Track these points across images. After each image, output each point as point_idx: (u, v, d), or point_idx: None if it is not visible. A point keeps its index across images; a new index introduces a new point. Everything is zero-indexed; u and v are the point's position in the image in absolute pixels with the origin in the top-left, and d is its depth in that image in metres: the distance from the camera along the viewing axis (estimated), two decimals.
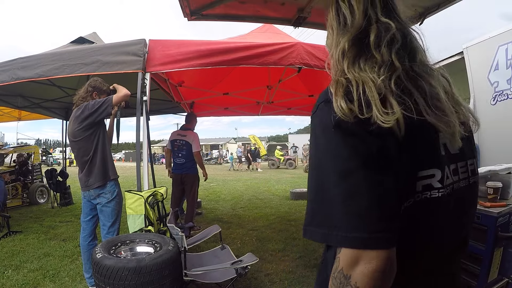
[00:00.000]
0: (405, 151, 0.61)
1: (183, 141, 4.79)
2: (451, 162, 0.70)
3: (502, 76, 3.53)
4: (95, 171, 2.56)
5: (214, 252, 2.85)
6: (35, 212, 6.23)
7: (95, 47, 3.15)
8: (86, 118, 2.51)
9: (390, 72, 0.64)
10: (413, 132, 0.61)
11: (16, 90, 5.43)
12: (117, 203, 2.63)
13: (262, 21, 3.20)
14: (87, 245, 2.69)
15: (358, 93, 0.62)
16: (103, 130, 2.66)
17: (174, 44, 3.05)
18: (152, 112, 5.53)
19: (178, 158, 4.80)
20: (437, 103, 0.65)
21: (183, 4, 2.35)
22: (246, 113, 7.31)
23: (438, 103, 0.66)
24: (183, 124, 5.21)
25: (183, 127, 5.10)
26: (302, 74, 4.40)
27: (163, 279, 1.95)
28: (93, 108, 2.50)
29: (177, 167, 4.80)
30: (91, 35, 4.20)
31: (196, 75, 4.88)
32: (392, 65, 0.65)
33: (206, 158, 33.35)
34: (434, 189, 0.65)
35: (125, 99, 2.61)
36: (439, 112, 0.65)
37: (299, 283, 2.90)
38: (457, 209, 0.71)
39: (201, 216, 5.94)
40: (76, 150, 2.63)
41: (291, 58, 3.12)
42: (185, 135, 4.83)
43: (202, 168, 5.02)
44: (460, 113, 0.72)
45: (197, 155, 4.82)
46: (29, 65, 3.07)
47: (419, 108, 0.62)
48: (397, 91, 0.62)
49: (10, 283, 2.91)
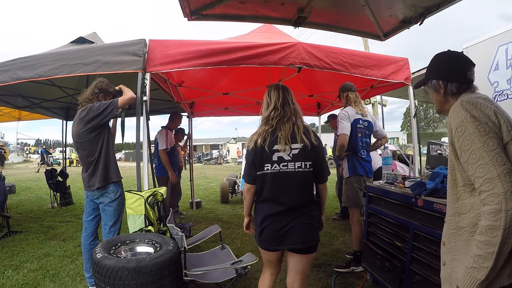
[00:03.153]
0: (256, 157, 1.81)
1: (155, 139, 4.71)
2: (280, 162, 1.80)
3: (502, 76, 3.53)
4: (99, 172, 2.56)
5: (214, 252, 2.85)
6: (35, 212, 6.24)
7: (95, 47, 3.15)
8: (91, 120, 2.50)
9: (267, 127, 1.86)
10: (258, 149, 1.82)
11: (16, 90, 5.43)
12: (119, 203, 2.63)
13: (262, 21, 3.20)
14: (88, 244, 2.69)
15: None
16: (108, 132, 2.66)
17: (174, 44, 3.05)
18: (152, 112, 5.55)
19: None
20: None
21: (183, 4, 2.35)
22: (246, 113, 7.31)
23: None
24: None
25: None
26: (302, 74, 4.40)
27: (163, 279, 1.95)
28: (98, 110, 2.49)
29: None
30: (91, 35, 4.20)
31: (196, 75, 4.88)
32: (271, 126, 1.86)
33: (206, 158, 33.34)
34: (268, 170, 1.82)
35: (131, 102, 2.60)
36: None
37: None
38: (284, 182, 1.81)
39: (184, 217, 5.76)
40: (81, 151, 2.63)
41: (291, 58, 3.12)
42: (157, 134, 4.77)
43: (167, 169, 4.67)
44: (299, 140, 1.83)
45: (160, 153, 4.62)
46: (29, 65, 3.07)
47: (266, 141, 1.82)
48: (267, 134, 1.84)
49: (10, 283, 2.91)
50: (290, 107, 1.86)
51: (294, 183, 1.80)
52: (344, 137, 3.14)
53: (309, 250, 1.86)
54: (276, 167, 1.79)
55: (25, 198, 8.30)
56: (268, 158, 1.79)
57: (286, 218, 1.79)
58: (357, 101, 3.38)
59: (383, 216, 2.67)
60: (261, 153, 1.79)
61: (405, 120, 61.57)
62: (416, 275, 2.17)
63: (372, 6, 2.48)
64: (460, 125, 1.13)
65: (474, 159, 1.07)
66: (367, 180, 3.26)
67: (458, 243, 1.18)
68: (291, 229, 1.78)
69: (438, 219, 1.99)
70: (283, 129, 1.80)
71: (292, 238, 1.79)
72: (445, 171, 2.09)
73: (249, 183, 1.87)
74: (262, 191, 1.84)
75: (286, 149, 1.77)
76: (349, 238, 4.26)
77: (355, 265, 3.11)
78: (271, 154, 1.78)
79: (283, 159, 1.78)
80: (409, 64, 3.83)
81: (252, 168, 1.83)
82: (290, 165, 1.78)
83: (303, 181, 1.82)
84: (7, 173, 14.42)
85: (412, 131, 3.98)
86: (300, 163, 1.79)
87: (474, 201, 1.12)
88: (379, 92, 5.25)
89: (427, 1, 2.34)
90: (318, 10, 2.51)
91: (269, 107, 1.87)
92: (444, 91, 1.30)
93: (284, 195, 1.80)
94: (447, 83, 1.29)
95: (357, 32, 2.96)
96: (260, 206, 1.88)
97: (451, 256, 1.21)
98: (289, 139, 1.78)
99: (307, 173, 1.81)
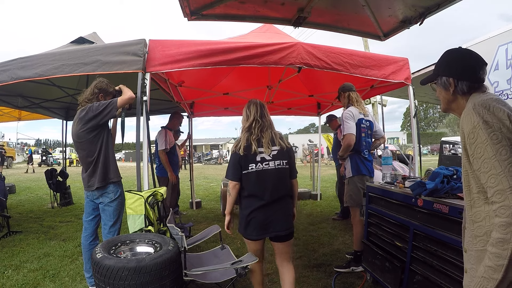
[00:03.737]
0: (242, 159, 2.13)
1: (155, 140, 4.74)
2: (263, 161, 2.14)
3: (502, 76, 3.53)
4: (98, 172, 2.56)
5: (214, 252, 2.84)
6: (35, 212, 6.24)
7: (95, 47, 3.15)
8: (90, 120, 2.50)
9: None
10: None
11: (16, 90, 5.43)
12: (119, 203, 2.63)
13: (262, 21, 3.20)
14: (88, 244, 2.69)
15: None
16: (107, 132, 2.65)
17: (174, 44, 3.05)
18: (152, 112, 5.55)
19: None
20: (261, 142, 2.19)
21: (183, 4, 2.35)
22: None
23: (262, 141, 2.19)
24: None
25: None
26: (302, 74, 4.40)
27: (163, 279, 1.95)
28: (97, 110, 2.49)
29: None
30: (91, 35, 4.20)
31: (196, 75, 4.88)
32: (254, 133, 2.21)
33: (206, 158, 33.33)
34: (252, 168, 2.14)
35: (130, 102, 2.59)
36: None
37: (299, 283, 2.90)
38: (266, 178, 2.13)
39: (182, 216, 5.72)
40: (81, 151, 2.62)
41: (291, 58, 3.12)
42: (157, 135, 4.79)
43: (167, 169, 4.68)
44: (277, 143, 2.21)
45: (160, 154, 4.64)
46: (29, 65, 3.07)
47: (252, 146, 2.15)
48: (252, 140, 2.17)
49: (10, 283, 2.91)
50: (267, 119, 2.26)
51: (274, 179, 2.15)
52: (351, 136, 3.12)
53: (290, 236, 2.25)
54: (260, 166, 2.14)
55: (25, 198, 8.30)
56: (253, 159, 2.13)
57: (269, 210, 2.14)
58: (359, 101, 3.38)
59: (383, 216, 2.67)
60: (247, 155, 2.13)
61: (405, 120, 61.63)
62: (416, 275, 2.17)
63: (372, 6, 2.48)
64: (472, 131, 1.09)
65: (486, 168, 1.04)
66: (369, 179, 3.26)
67: (473, 253, 1.14)
68: (274, 219, 2.14)
69: (438, 219, 1.99)
70: (265, 136, 2.19)
71: (276, 226, 2.14)
72: (445, 171, 2.09)
73: (235, 181, 2.16)
74: (247, 187, 2.16)
75: (267, 151, 2.15)
76: (349, 238, 4.26)
77: (355, 265, 3.11)
78: (255, 155, 2.14)
79: (265, 159, 2.15)
80: (409, 64, 3.83)
81: (238, 168, 2.15)
82: (271, 163, 2.16)
83: (281, 177, 2.18)
84: (7, 173, 14.43)
85: (412, 131, 3.98)
86: (279, 161, 2.18)
87: (490, 209, 1.07)
88: (379, 92, 5.25)
89: (427, 1, 2.34)
90: (318, 10, 2.51)
91: (249, 119, 2.23)
92: (454, 89, 1.25)
93: (266, 190, 2.13)
94: (458, 81, 1.23)
95: (357, 32, 2.96)
96: (246, 201, 2.19)
97: (470, 265, 1.17)
98: (269, 143, 2.17)
99: (284, 169, 2.20)
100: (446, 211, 1.89)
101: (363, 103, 3.47)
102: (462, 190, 2.00)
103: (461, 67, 1.25)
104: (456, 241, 1.82)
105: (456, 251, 1.84)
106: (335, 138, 5.66)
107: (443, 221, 1.94)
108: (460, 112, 1.25)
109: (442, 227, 1.95)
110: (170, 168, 4.68)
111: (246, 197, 2.18)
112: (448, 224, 1.90)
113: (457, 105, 1.27)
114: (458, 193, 2.00)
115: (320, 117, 7.13)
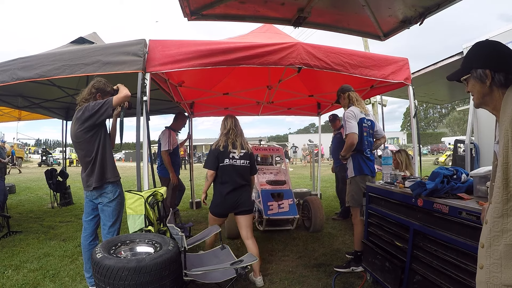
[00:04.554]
0: (220, 154, 2.99)
1: (158, 140, 4.76)
2: (234, 158, 3.00)
3: None
4: (95, 172, 2.55)
5: (214, 252, 2.84)
6: (35, 212, 6.24)
7: (95, 47, 3.15)
8: (86, 119, 2.49)
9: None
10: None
11: (16, 90, 5.42)
12: (118, 203, 2.63)
13: (262, 21, 3.20)
14: (88, 244, 2.69)
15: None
16: (105, 132, 2.65)
17: (174, 44, 3.05)
18: (152, 112, 5.54)
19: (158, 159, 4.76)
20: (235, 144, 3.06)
21: (183, 4, 2.35)
22: (246, 113, 7.30)
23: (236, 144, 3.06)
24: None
25: None
26: (302, 74, 4.40)
27: (163, 279, 1.95)
28: (93, 110, 2.48)
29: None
30: (91, 35, 4.20)
31: (196, 75, 4.88)
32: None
33: None
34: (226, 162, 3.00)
35: (125, 100, 2.58)
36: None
37: (299, 283, 2.90)
38: (235, 171, 2.99)
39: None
40: (79, 151, 2.63)
41: (291, 58, 3.12)
42: (160, 134, 4.82)
43: (168, 169, 4.68)
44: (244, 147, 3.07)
45: (162, 154, 4.64)
46: (29, 65, 3.07)
47: (228, 146, 3.02)
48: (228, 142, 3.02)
49: (10, 283, 2.91)
50: (238, 128, 3.13)
51: (240, 172, 3.02)
52: (354, 136, 3.11)
53: (250, 211, 3.09)
54: (231, 161, 3.00)
55: (25, 198, 8.30)
56: (228, 156, 3.00)
57: (237, 193, 2.99)
58: (359, 100, 3.38)
59: (383, 216, 2.67)
60: (224, 152, 2.99)
61: (405, 120, 61.57)
62: (416, 275, 2.17)
63: (372, 6, 2.48)
64: None
65: None
66: (371, 179, 3.26)
67: (501, 247, 1.10)
68: (240, 200, 2.99)
69: (438, 219, 1.99)
70: (237, 141, 3.06)
71: (242, 205, 3.00)
72: (445, 171, 2.09)
73: (212, 170, 3.01)
74: (222, 176, 3.00)
75: (238, 151, 3.03)
76: (349, 238, 4.26)
77: (355, 265, 3.11)
78: (229, 153, 3.01)
79: (235, 157, 3.02)
80: (409, 64, 3.83)
81: (216, 160, 2.99)
82: (238, 161, 3.02)
83: (245, 171, 3.06)
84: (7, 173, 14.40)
85: (412, 131, 3.98)
86: (243, 160, 3.04)
87: None
88: (379, 92, 5.25)
89: (427, 1, 2.34)
90: (318, 10, 2.52)
91: (226, 127, 3.10)
92: (491, 81, 1.20)
93: (235, 179, 2.99)
94: (495, 73, 1.19)
95: (357, 32, 2.97)
96: (220, 186, 3.01)
97: (492, 260, 1.13)
98: (239, 147, 3.03)
99: (247, 167, 3.08)
100: (446, 211, 1.89)
101: (363, 102, 3.47)
102: (463, 190, 2.02)
103: (496, 58, 1.22)
104: (456, 241, 1.82)
105: (456, 251, 1.84)
106: (335, 138, 5.65)
107: (443, 221, 1.94)
108: (493, 106, 1.23)
109: (442, 227, 1.95)
110: (172, 169, 4.68)
111: (219, 183, 3.01)
112: (448, 224, 1.90)
113: (491, 99, 1.23)
114: (458, 193, 2.00)
115: (320, 117, 7.13)
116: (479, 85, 1.25)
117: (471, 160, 4.18)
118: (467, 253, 1.75)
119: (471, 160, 4.18)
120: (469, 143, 4.25)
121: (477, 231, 1.69)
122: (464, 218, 1.77)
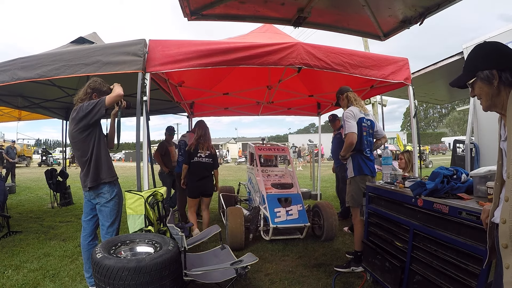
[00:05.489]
0: (191, 153, 4.22)
1: (183, 141, 4.98)
2: (201, 157, 4.24)
3: None
4: (91, 171, 2.55)
5: (214, 252, 2.85)
6: (35, 212, 6.24)
7: (95, 47, 3.15)
8: (81, 119, 2.49)
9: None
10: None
11: (16, 90, 5.43)
12: (116, 203, 2.62)
13: (262, 21, 3.20)
14: (87, 244, 2.68)
15: None
16: (99, 132, 2.64)
17: (174, 44, 3.05)
18: (152, 112, 5.54)
19: (180, 156, 5.01)
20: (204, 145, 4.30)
21: (183, 4, 2.36)
22: (246, 113, 7.31)
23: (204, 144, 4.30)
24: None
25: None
26: (302, 74, 4.40)
27: (163, 279, 1.95)
28: (86, 110, 2.47)
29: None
30: (91, 35, 4.20)
31: (196, 75, 4.88)
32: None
33: None
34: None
35: (118, 99, 2.56)
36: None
37: (299, 283, 2.90)
38: (202, 165, 4.24)
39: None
40: (76, 151, 2.63)
41: (291, 58, 3.12)
42: (185, 136, 5.12)
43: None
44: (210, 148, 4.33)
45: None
46: (30, 65, 3.07)
47: (198, 148, 4.26)
48: (198, 145, 4.26)
49: (10, 283, 2.91)
50: (207, 135, 4.28)
51: (205, 167, 4.20)
52: (353, 135, 3.10)
53: (212, 194, 4.35)
54: (199, 159, 4.16)
55: (25, 198, 8.30)
56: (197, 155, 4.16)
57: (203, 182, 4.21)
58: (358, 100, 3.38)
59: (383, 216, 2.67)
60: (195, 152, 4.17)
61: (405, 120, 61.60)
62: (416, 275, 2.17)
63: (372, 6, 2.48)
64: None
65: None
66: (371, 179, 3.26)
67: None
68: (206, 186, 4.24)
69: (438, 219, 1.99)
70: (205, 144, 4.22)
71: (208, 190, 4.27)
72: (445, 171, 2.09)
73: (187, 164, 4.18)
74: (193, 169, 4.16)
75: (204, 152, 4.20)
76: (349, 238, 4.26)
77: (355, 265, 3.11)
78: (198, 153, 4.16)
79: (202, 156, 4.17)
80: (409, 64, 3.83)
81: (188, 158, 4.16)
82: (204, 159, 4.18)
83: (208, 166, 4.24)
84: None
85: (412, 131, 3.98)
86: (207, 159, 4.20)
87: None
88: (379, 92, 5.25)
89: (427, 1, 2.34)
90: (318, 10, 2.52)
91: (197, 134, 4.24)
92: (498, 81, 1.21)
93: (202, 172, 4.18)
94: (501, 72, 1.20)
95: (357, 32, 2.97)
96: (192, 176, 4.18)
97: None
98: (205, 149, 4.20)
99: (210, 163, 4.23)
100: (446, 211, 1.89)
101: (362, 102, 3.47)
102: (463, 190, 2.02)
103: (500, 57, 1.22)
104: (456, 241, 1.82)
105: (456, 251, 1.84)
106: (335, 138, 5.65)
107: (443, 221, 1.94)
108: (501, 106, 1.23)
109: (442, 227, 1.95)
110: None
111: (192, 174, 4.18)
112: (448, 224, 1.90)
113: (500, 100, 1.23)
114: (458, 193, 2.00)
115: (320, 117, 7.13)
116: (487, 86, 1.24)
117: (471, 160, 4.19)
118: (467, 253, 1.75)
119: (471, 160, 4.19)
120: (469, 143, 4.25)
121: (477, 231, 1.69)
122: (464, 218, 1.77)
